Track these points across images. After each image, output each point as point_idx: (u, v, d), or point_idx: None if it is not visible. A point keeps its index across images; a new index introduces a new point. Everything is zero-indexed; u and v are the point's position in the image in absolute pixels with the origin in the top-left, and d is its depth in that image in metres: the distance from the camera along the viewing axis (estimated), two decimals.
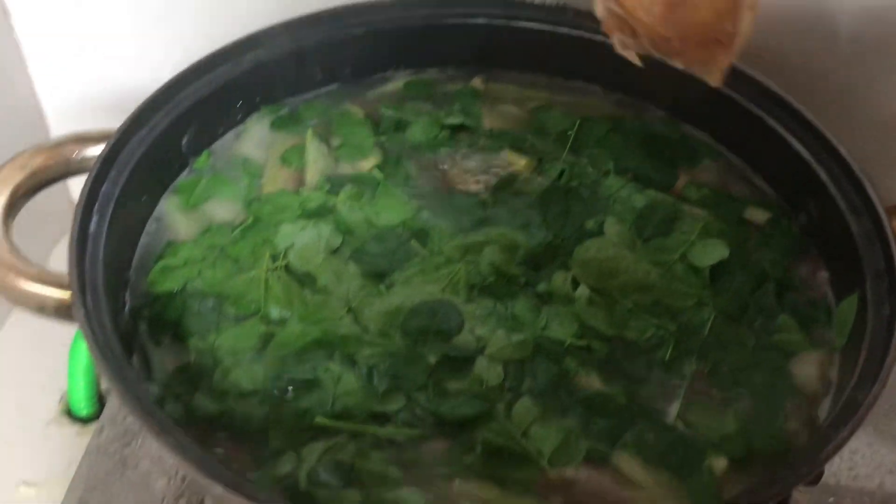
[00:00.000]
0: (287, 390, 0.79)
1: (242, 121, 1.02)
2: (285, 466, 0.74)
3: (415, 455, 0.75)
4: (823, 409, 0.81)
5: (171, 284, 0.86)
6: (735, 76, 0.97)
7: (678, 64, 0.73)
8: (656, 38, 0.73)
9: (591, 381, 0.80)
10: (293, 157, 0.98)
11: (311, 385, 0.79)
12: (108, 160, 0.85)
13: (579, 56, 1.07)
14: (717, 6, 0.71)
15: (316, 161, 0.97)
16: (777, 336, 0.85)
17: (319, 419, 0.76)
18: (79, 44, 1.22)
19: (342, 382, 0.79)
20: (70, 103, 1.28)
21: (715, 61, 0.73)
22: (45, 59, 1.24)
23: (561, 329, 0.83)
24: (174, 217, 0.93)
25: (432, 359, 0.81)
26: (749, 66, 0.96)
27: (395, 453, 0.75)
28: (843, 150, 0.89)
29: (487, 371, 0.80)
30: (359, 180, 0.95)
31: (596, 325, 0.83)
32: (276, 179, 0.95)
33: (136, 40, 1.20)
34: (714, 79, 0.75)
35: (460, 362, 0.81)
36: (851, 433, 0.71)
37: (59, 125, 1.30)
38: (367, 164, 0.98)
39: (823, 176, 0.90)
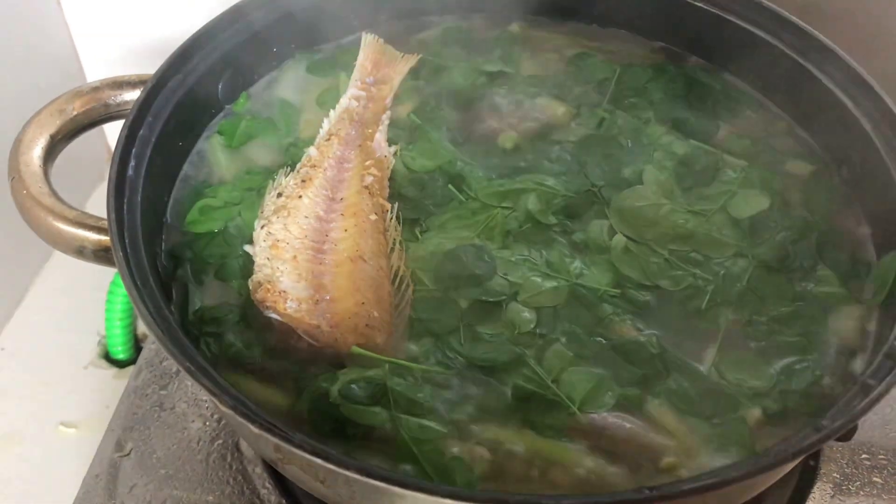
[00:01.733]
0: None
1: (278, 66, 1.02)
2: (321, 385, 0.75)
3: (446, 394, 0.76)
4: (860, 365, 0.79)
5: (210, 225, 0.87)
6: (778, 24, 0.96)
7: (337, 348, 0.77)
8: (307, 327, 0.77)
9: (625, 329, 0.80)
10: (329, 100, 0.97)
11: None
12: (145, 105, 0.86)
13: (617, 4, 1.05)
14: (358, 299, 0.77)
15: None
16: (816, 289, 0.84)
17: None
18: None
19: None
20: (105, 49, 1.29)
21: (374, 342, 0.77)
22: (81, 5, 1.25)
23: (596, 277, 0.83)
24: (216, 157, 0.93)
25: (464, 303, 0.81)
26: (794, 14, 0.94)
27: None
28: (889, 101, 0.87)
29: (519, 316, 0.80)
30: (395, 124, 0.95)
31: (631, 274, 0.83)
32: (313, 123, 0.95)
33: None
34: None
35: (492, 307, 0.81)
36: (888, 389, 0.70)
37: (95, 71, 1.31)
38: (404, 108, 0.97)
39: (868, 128, 0.88)
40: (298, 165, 0.88)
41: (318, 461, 0.63)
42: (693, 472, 0.72)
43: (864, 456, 0.92)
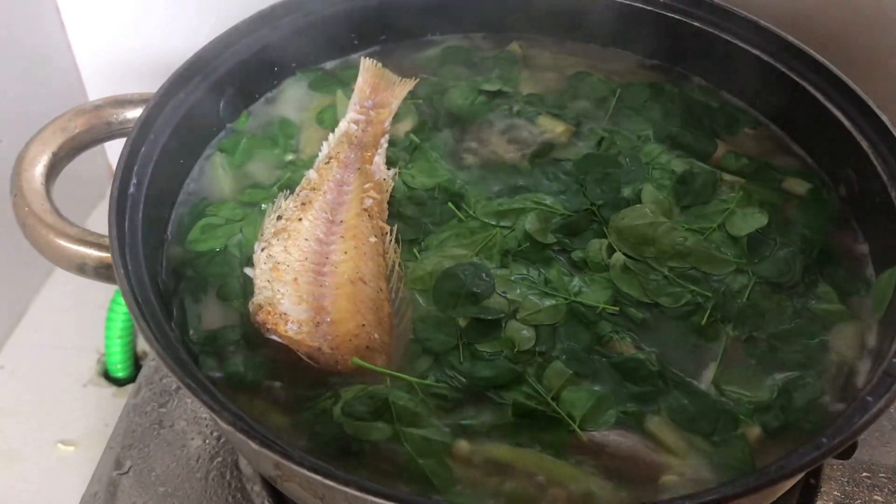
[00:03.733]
0: None
1: (278, 84, 1.02)
2: (324, 404, 0.75)
3: (447, 410, 0.76)
4: (859, 382, 0.80)
5: (212, 243, 0.87)
6: (776, 44, 0.96)
7: (338, 370, 0.78)
8: (308, 349, 0.77)
9: (625, 347, 0.80)
10: (328, 118, 0.98)
11: None
12: (147, 123, 0.86)
13: (616, 23, 1.06)
14: (359, 321, 0.78)
15: None
16: (816, 306, 0.84)
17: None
18: (116, 9, 1.23)
19: None
20: (107, 69, 1.29)
21: (374, 364, 0.77)
22: (83, 25, 1.26)
23: (594, 295, 0.83)
24: (217, 175, 0.94)
25: (462, 322, 0.81)
26: (791, 34, 0.95)
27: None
28: (886, 120, 0.88)
29: (519, 334, 0.80)
30: (394, 143, 0.95)
31: (630, 292, 0.83)
32: (312, 140, 0.96)
33: (172, 5, 1.20)
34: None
35: (491, 325, 0.81)
36: (888, 405, 0.70)
37: (97, 90, 1.32)
38: (403, 127, 0.98)
39: (865, 146, 0.89)
40: (298, 188, 0.88)
41: (318, 478, 0.63)
42: (693, 489, 0.72)
43: (864, 474, 0.92)
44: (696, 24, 1.01)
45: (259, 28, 0.97)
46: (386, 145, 0.93)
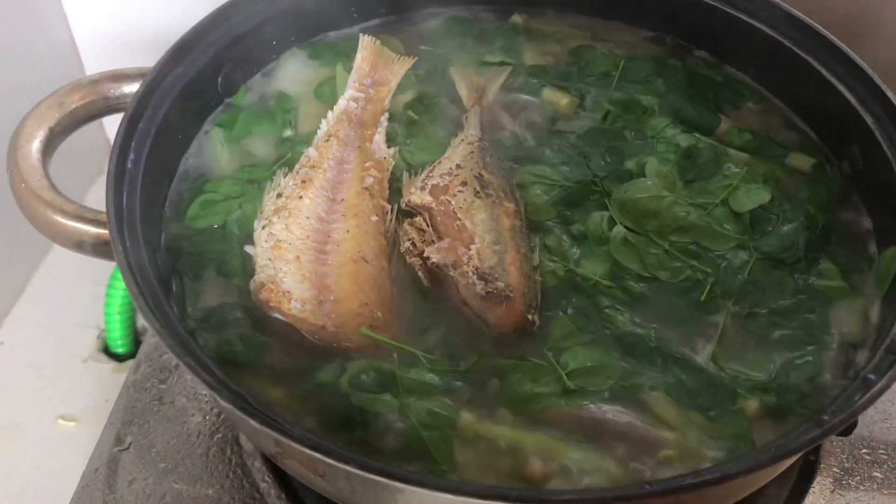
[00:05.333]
0: None
1: (277, 58, 1.01)
2: (329, 374, 0.75)
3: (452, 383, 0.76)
4: (861, 359, 0.79)
5: (211, 220, 0.86)
6: (780, 18, 0.95)
7: (341, 348, 0.77)
8: (312, 327, 0.77)
9: (624, 321, 0.80)
10: (327, 92, 0.97)
11: None
12: (144, 98, 0.85)
13: None
14: (362, 299, 0.77)
15: None
16: (818, 282, 0.84)
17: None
18: None
19: None
20: (104, 42, 1.28)
21: (375, 341, 0.77)
22: None
23: (592, 267, 0.83)
24: (216, 150, 0.93)
25: None
26: (796, 8, 0.94)
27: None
28: (892, 96, 0.87)
29: None
30: (394, 118, 0.95)
31: (630, 265, 0.83)
32: (311, 115, 0.95)
33: None
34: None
35: None
36: (889, 384, 0.70)
37: (94, 64, 1.31)
38: (403, 99, 0.97)
39: (870, 122, 0.88)
40: (297, 166, 0.87)
41: (318, 456, 0.63)
42: (691, 466, 0.72)
43: (864, 451, 0.92)
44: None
45: (257, 1, 0.96)
46: (386, 124, 0.93)
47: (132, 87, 0.88)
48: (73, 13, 1.26)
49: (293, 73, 1.00)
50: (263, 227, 0.82)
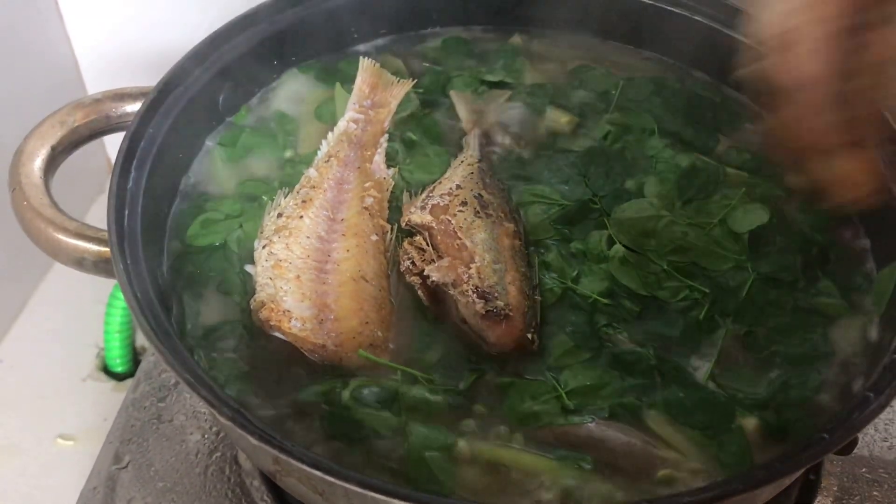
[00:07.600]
0: None
1: (277, 78, 1.02)
2: (329, 386, 0.75)
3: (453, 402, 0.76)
4: (860, 378, 0.79)
5: (212, 238, 0.87)
6: None
7: (343, 366, 0.78)
8: (312, 346, 0.77)
9: (622, 339, 0.80)
10: (327, 113, 0.98)
11: None
12: (146, 117, 0.86)
13: (618, 18, 1.06)
14: (362, 318, 0.78)
15: None
16: (816, 300, 0.84)
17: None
18: (115, 2, 1.23)
19: None
20: (106, 62, 1.29)
21: (374, 362, 0.77)
22: (82, 18, 1.25)
23: (591, 285, 0.83)
24: (217, 169, 0.93)
25: None
26: None
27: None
28: (887, 114, 0.87)
29: None
30: (393, 137, 0.95)
31: (629, 284, 0.83)
32: (311, 135, 0.96)
33: None
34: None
35: None
36: (888, 401, 0.70)
37: (96, 83, 1.31)
38: (402, 119, 0.97)
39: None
40: (298, 186, 0.88)
41: (318, 473, 0.63)
42: (689, 484, 0.72)
43: (863, 470, 0.92)
44: (697, 17, 1.01)
45: (259, 21, 0.97)
46: (385, 144, 0.93)
47: (134, 107, 0.88)
48: (76, 33, 1.27)
49: (293, 93, 1.01)
50: (264, 247, 0.82)
